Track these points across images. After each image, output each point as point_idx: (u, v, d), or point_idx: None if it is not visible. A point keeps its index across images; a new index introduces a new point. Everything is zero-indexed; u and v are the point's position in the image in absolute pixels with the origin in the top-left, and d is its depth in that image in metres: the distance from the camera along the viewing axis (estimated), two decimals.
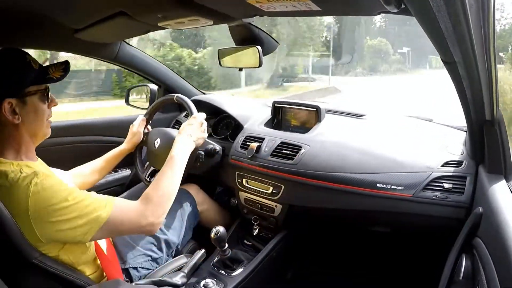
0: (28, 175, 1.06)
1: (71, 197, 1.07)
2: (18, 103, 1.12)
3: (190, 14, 1.24)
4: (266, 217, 1.84)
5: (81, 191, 1.13)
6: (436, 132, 1.75)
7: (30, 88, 1.15)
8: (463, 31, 0.70)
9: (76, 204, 1.07)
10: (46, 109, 1.22)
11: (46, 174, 1.08)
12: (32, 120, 1.17)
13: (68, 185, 1.12)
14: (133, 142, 1.82)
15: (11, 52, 1.15)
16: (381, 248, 1.98)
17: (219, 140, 2.10)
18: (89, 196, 1.12)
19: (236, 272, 1.65)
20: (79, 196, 1.10)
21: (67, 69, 1.25)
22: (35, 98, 1.16)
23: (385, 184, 1.48)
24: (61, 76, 1.23)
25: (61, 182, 1.10)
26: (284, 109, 2.03)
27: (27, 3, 1.25)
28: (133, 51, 2.15)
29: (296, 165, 1.66)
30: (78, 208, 1.07)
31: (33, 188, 1.03)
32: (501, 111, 1.11)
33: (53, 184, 1.07)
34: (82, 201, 1.09)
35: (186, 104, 1.74)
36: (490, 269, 0.88)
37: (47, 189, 1.04)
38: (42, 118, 1.20)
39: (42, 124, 1.21)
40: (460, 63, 0.90)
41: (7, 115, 1.10)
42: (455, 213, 1.37)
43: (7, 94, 1.10)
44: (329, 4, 1.07)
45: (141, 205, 1.22)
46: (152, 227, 1.23)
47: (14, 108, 1.11)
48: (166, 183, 1.31)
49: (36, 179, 1.05)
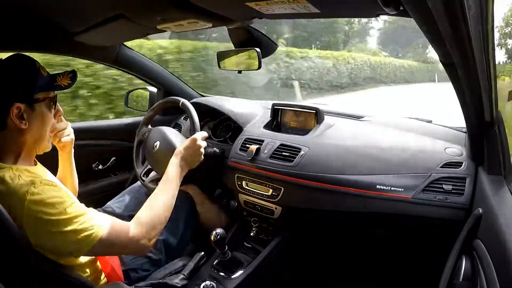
0: (25, 183, 1.04)
1: (68, 211, 1.05)
2: (27, 109, 1.13)
3: (189, 16, 1.24)
4: (265, 219, 1.84)
5: (80, 205, 1.12)
6: (435, 133, 1.75)
7: (39, 94, 1.16)
8: (462, 33, 0.70)
9: (72, 218, 1.05)
10: (52, 118, 1.23)
11: (44, 183, 1.07)
12: (38, 127, 1.18)
13: (68, 195, 1.11)
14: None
15: (22, 57, 1.16)
16: (381, 249, 1.98)
17: (219, 143, 2.10)
18: (86, 213, 1.10)
19: (236, 274, 1.64)
20: (77, 211, 1.08)
21: (74, 78, 1.27)
22: (43, 105, 1.18)
23: (384, 186, 1.48)
24: (68, 84, 1.24)
25: (60, 193, 1.09)
26: (283, 111, 2.03)
27: (26, 6, 1.25)
28: (132, 54, 2.16)
29: (295, 167, 1.66)
30: (73, 223, 1.05)
31: (29, 198, 1.01)
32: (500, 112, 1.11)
33: (51, 195, 1.05)
34: (79, 217, 1.07)
35: (190, 115, 1.75)
36: (490, 270, 0.88)
37: (44, 200, 1.02)
38: (47, 127, 1.21)
39: (45, 133, 1.22)
40: (459, 65, 0.90)
41: (14, 119, 1.10)
42: (454, 215, 1.37)
43: (17, 98, 1.10)
44: (328, 6, 1.08)
45: (133, 228, 1.19)
46: (143, 249, 1.24)
47: (22, 113, 1.12)
48: (159, 206, 1.31)
49: (33, 188, 1.03)
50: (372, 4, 0.90)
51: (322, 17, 1.17)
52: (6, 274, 1.01)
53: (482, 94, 1.01)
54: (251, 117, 2.11)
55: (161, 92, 2.43)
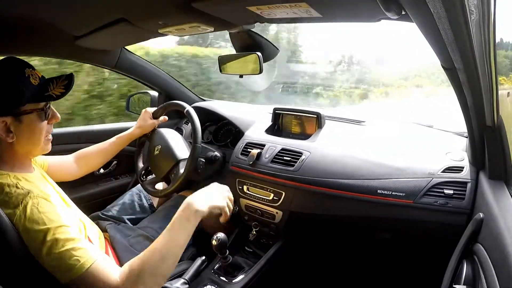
0: (22, 193, 1.02)
1: (57, 231, 0.98)
2: (13, 122, 1.08)
3: (191, 20, 1.24)
4: (267, 223, 1.83)
5: (72, 230, 1.03)
6: (436, 138, 1.75)
7: (27, 106, 1.09)
8: (464, 38, 0.70)
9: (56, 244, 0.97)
10: (45, 126, 1.17)
11: (41, 196, 1.04)
12: (27, 139, 1.13)
13: (63, 215, 1.05)
14: (143, 128, 1.84)
15: (9, 64, 1.09)
16: (382, 254, 1.97)
17: (220, 147, 2.11)
18: (77, 240, 1.01)
19: (237, 279, 1.64)
20: (66, 235, 1.00)
21: (69, 85, 1.18)
22: (32, 117, 1.11)
23: (385, 190, 1.47)
24: (61, 94, 1.15)
25: (55, 211, 1.03)
26: (284, 116, 2.03)
27: (28, 10, 1.25)
28: (133, 58, 2.16)
29: (296, 171, 1.66)
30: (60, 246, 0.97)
31: (21, 208, 0.99)
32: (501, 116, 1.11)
33: (45, 211, 1.01)
34: (67, 242, 0.99)
35: (193, 124, 1.76)
36: (491, 275, 0.87)
37: (36, 213, 0.99)
38: (39, 136, 1.16)
39: (38, 142, 1.16)
40: (460, 70, 0.91)
41: (1, 133, 1.07)
42: (455, 219, 1.36)
43: (1, 112, 1.06)
44: (330, 10, 1.08)
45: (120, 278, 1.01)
46: None
47: (9, 127, 1.07)
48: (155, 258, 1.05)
49: (29, 199, 1.01)
50: (374, 9, 0.90)
51: (324, 22, 1.17)
52: (5, 275, 1.01)
53: (483, 99, 1.01)
54: (252, 121, 2.11)
55: (162, 96, 2.44)
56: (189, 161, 1.69)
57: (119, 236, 1.55)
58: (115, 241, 1.51)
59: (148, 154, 1.89)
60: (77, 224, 1.19)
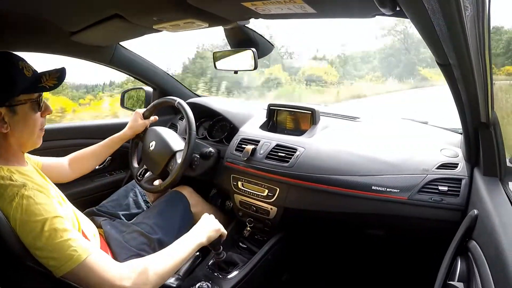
0: (17, 184, 1.03)
1: (54, 221, 1.00)
2: (7, 112, 1.09)
3: (185, 16, 1.24)
4: (261, 220, 1.84)
5: (67, 222, 1.05)
6: (431, 134, 1.76)
7: (21, 97, 1.10)
8: (458, 33, 0.70)
9: (54, 233, 0.99)
10: (38, 118, 1.18)
11: (35, 188, 1.05)
12: (21, 130, 1.13)
13: (58, 207, 1.06)
14: (134, 129, 1.84)
15: (2, 58, 1.10)
16: (376, 250, 1.98)
17: (214, 143, 2.10)
18: (71, 232, 1.03)
19: (231, 275, 1.64)
20: (63, 226, 1.02)
21: (61, 78, 1.20)
22: (25, 107, 1.13)
23: (380, 187, 1.48)
24: (54, 85, 1.17)
25: (51, 202, 1.05)
26: (279, 112, 2.03)
27: (22, 6, 1.24)
28: (128, 54, 2.15)
29: (291, 167, 1.66)
30: (59, 236, 0.99)
31: (17, 200, 0.99)
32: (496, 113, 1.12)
33: (42, 202, 1.02)
34: (64, 232, 1.01)
35: (185, 114, 1.74)
36: (484, 271, 0.88)
37: (33, 204, 1.00)
38: (33, 128, 1.17)
39: (32, 134, 1.18)
40: (455, 66, 0.90)
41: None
42: (450, 216, 1.37)
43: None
44: (324, 6, 1.08)
45: (123, 268, 1.07)
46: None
47: (3, 117, 1.08)
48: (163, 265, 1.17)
49: (24, 191, 1.01)
50: (369, 4, 0.90)
51: (318, 18, 1.17)
52: (2, 273, 1.00)
53: (478, 95, 1.01)
54: (246, 117, 2.11)
55: (156, 92, 2.43)
56: (186, 148, 1.68)
57: (114, 232, 1.54)
58: (110, 237, 1.50)
59: (143, 153, 1.88)
60: (71, 219, 1.18)
